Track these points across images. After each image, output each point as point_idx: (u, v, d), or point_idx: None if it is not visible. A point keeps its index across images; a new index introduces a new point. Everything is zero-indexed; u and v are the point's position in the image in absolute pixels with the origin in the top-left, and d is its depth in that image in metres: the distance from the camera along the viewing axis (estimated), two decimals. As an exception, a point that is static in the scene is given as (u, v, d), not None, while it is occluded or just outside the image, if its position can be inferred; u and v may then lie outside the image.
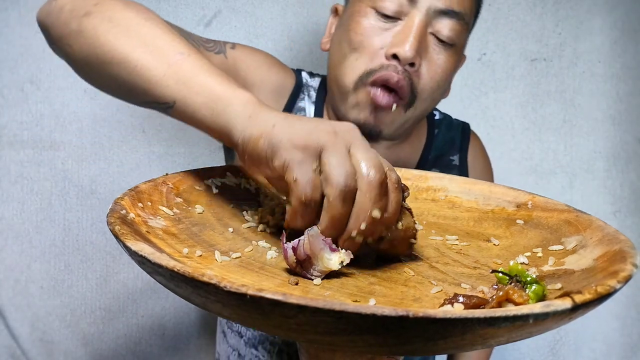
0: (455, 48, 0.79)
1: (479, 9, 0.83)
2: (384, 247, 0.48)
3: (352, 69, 0.77)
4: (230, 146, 0.52)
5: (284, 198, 0.52)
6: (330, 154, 0.45)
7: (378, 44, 0.76)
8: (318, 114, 0.87)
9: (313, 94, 0.89)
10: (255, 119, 0.49)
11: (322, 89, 0.90)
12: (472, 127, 1.00)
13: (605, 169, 1.29)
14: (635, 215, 1.31)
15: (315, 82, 0.91)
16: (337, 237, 0.46)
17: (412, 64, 0.75)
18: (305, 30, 1.21)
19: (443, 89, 0.82)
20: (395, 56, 0.74)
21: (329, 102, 0.87)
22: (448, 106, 1.00)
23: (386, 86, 0.76)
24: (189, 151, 1.21)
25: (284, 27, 1.21)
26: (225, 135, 0.51)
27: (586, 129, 1.29)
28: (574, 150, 1.29)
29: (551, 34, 1.27)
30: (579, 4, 1.26)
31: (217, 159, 1.21)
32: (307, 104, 0.88)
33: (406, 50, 0.73)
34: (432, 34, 0.77)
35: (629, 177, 1.30)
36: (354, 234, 0.45)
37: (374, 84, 0.76)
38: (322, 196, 0.45)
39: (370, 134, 0.79)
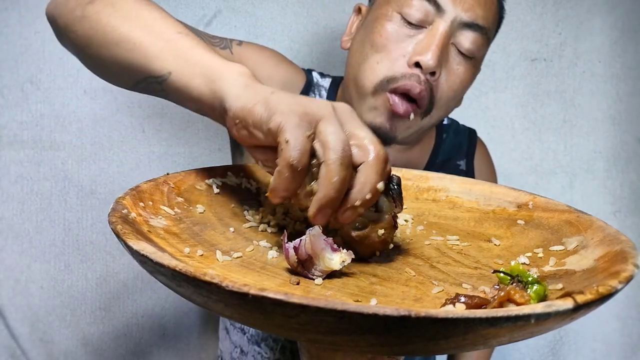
0: (475, 61, 0.80)
1: (500, 24, 0.84)
2: (356, 238, 0.48)
3: (373, 72, 0.78)
4: (219, 117, 0.53)
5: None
6: (328, 123, 0.45)
7: (401, 50, 0.76)
8: None
9: (324, 93, 0.90)
10: (252, 88, 0.49)
11: (333, 90, 0.90)
12: (472, 127, 1.00)
13: (605, 169, 1.30)
14: (635, 215, 1.31)
15: (326, 83, 0.91)
16: (334, 207, 0.45)
17: (432, 73, 0.75)
18: (305, 30, 1.21)
19: (459, 99, 0.83)
20: (417, 64, 0.75)
21: (341, 101, 0.87)
22: (448, 106, 1.00)
23: (406, 95, 0.76)
24: (189, 151, 1.21)
25: (284, 27, 1.21)
26: (217, 102, 0.51)
27: (586, 129, 1.29)
28: (574, 150, 1.29)
29: (551, 34, 1.27)
30: (579, 4, 1.26)
31: (217, 159, 1.21)
32: None
33: (429, 59, 0.74)
34: (454, 44, 0.78)
35: (629, 177, 1.30)
36: (357, 203, 0.45)
37: (395, 91, 0.76)
38: (310, 165, 0.45)
39: (385, 139, 0.79)
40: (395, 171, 0.68)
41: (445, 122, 0.98)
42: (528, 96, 1.28)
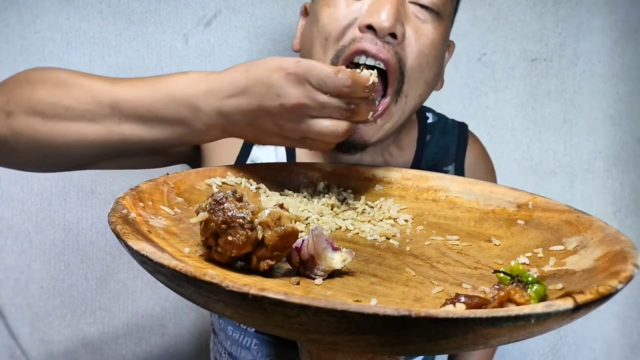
0: (442, 19, 0.70)
1: None
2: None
3: (324, 50, 0.68)
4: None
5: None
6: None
7: (351, 15, 0.66)
8: None
9: None
10: (209, 78, 0.59)
11: None
12: (472, 127, 0.98)
13: (605, 169, 1.30)
14: (635, 215, 1.31)
15: None
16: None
17: (393, 35, 0.64)
18: (306, 30, 1.22)
19: (434, 69, 0.72)
20: (370, 27, 0.64)
21: None
22: (448, 106, 1.00)
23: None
24: (189, 151, 1.21)
25: (284, 27, 1.21)
26: (186, 112, 0.59)
27: (586, 129, 1.29)
28: (574, 150, 1.29)
29: (551, 34, 1.27)
30: (579, 4, 1.26)
31: (217, 159, 1.21)
32: None
33: (383, 20, 0.63)
34: (413, 2, 0.68)
35: (629, 177, 1.30)
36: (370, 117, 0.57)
37: (352, 62, 0.66)
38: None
39: (356, 145, 0.70)
40: (395, 171, 0.68)
41: (430, 119, 0.87)
42: (528, 96, 1.28)
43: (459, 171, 0.87)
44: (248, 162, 0.82)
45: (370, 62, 0.65)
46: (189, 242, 0.47)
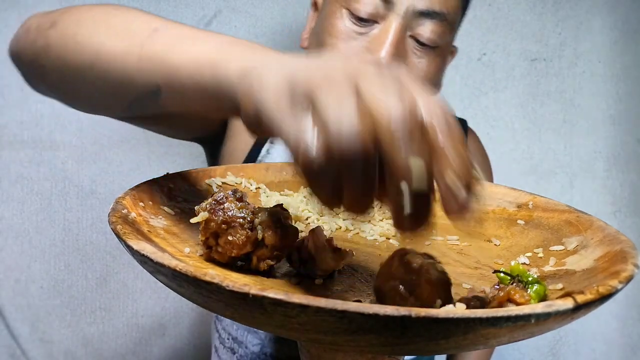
0: (440, 48, 0.74)
1: (466, 8, 0.78)
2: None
3: None
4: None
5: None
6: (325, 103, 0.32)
7: (352, 50, 0.71)
8: None
9: None
10: (249, 76, 0.37)
11: None
12: (472, 127, 0.99)
13: (605, 169, 1.30)
14: (635, 215, 1.31)
15: None
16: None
17: None
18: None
19: (433, 88, 0.76)
20: None
21: None
22: (448, 106, 1.00)
23: None
24: (189, 151, 1.21)
25: (284, 27, 1.21)
26: (225, 100, 0.42)
27: (586, 129, 1.29)
28: (574, 150, 1.29)
29: (551, 34, 1.27)
30: (579, 4, 1.26)
31: (217, 159, 1.21)
32: None
33: (382, 59, 0.67)
34: (412, 36, 0.71)
35: (629, 177, 1.30)
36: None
37: None
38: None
39: None
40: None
41: None
42: (528, 96, 1.28)
43: None
44: (262, 152, 0.85)
45: None
46: (189, 242, 0.47)
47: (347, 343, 0.35)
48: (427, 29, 0.71)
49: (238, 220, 0.41)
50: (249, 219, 0.41)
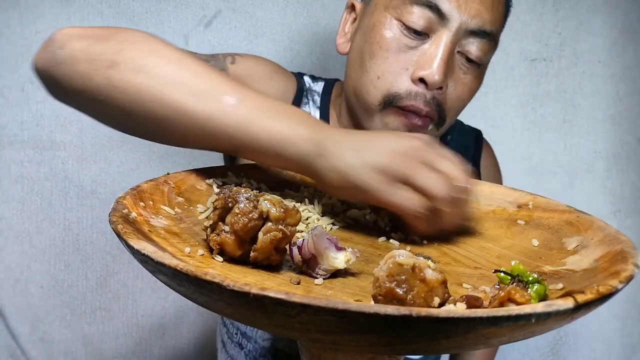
0: (483, 66, 0.76)
1: (504, 24, 0.80)
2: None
3: (375, 87, 0.73)
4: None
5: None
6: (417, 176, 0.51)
7: (403, 62, 0.71)
8: (324, 118, 0.84)
9: (317, 98, 0.85)
10: (327, 157, 0.53)
11: (327, 94, 0.86)
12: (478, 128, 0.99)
13: (605, 169, 1.30)
14: (635, 215, 1.31)
15: (319, 87, 0.87)
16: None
17: (439, 88, 0.71)
18: (305, 30, 1.21)
19: (468, 103, 0.80)
20: (422, 80, 0.70)
21: (338, 105, 0.84)
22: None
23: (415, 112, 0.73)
24: (189, 151, 1.21)
25: (284, 27, 1.21)
26: (304, 173, 0.56)
27: (586, 129, 1.29)
28: (574, 150, 1.29)
29: (551, 34, 1.27)
30: (579, 4, 1.26)
31: (217, 159, 1.21)
32: (312, 109, 0.85)
33: (434, 75, 0.69)
34: (461, 52, 0.73)
35: (629, 177, 1.30)
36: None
37: (404, 109, 0.72)
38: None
39: None
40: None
41: None
42: (528, 96, 1.28)
43: (476, 174, 0.91)
44: None
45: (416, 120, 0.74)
46: (190, 242, 0.47)
47: (347, 343, 0.35)
48: (475, 47, 0.72)
49: (244, 195, 0.44)
50: (253, 197, 0.44)
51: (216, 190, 0.58)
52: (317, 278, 0.44)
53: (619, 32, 1.27)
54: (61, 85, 0.59)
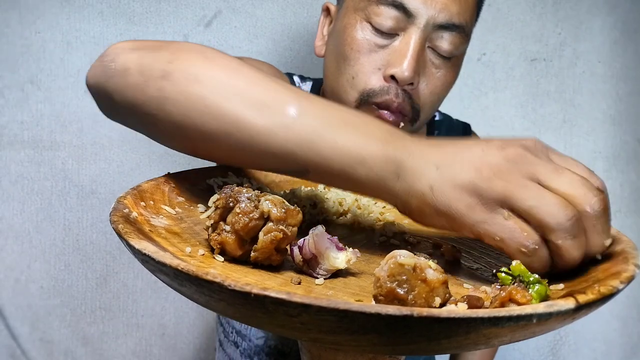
0: (455, 59, 0.76)
1: (478, 16, 0.80)
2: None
3: (351, 87, 0.74)
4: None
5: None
6: (519, 199, 0.40)
7: (375, 62, 0.73)
8: None
9: None
10: (405, 178, 0.45)
11: (315, 93, 0.87)
12: (472, 127, 1.00)
13: (605, 169, 1.30)
14: (635, 215, 1.31)
15: (307, 87, 0.89)
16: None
17: (411, 83, 0.72)
18: (305, 31, 1.22)
19: (444, 98, 0.79)
20: (393, 77, 0.72)
21: None
22: (448, 106, 1.00)
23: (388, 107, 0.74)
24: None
25: (284, 27, 1.21)
26: (384, 200, 0.48)
27: (586, 129, 1.29)
28: (574, 150, 1.29)
29: (551, 34, 1.27)
30: (579, 4, 1.26)
31: (217, 159, 1.21)
32: None
33: (404, 72, 0.70)
34: (431, 48, 0.73)
35: (629, 177, 1.30)
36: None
37: (379, 106, 0.73)
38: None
39: None
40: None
41: (437, 117, 0.94)
42: (528, 96, 1.28)
43: None
44: None
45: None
46: (191, 242, 0.47)
47: (348, 343, 0.35)
48: (445, 41, 0.73)
49: (245, 195, 0.44)
50: (254, 197, 0.44)
51: (217, 190, 0.58)
52: (317, 278, 0.44)
53: (619, 32, 1.27)
54: (113, 100, 0.55)
